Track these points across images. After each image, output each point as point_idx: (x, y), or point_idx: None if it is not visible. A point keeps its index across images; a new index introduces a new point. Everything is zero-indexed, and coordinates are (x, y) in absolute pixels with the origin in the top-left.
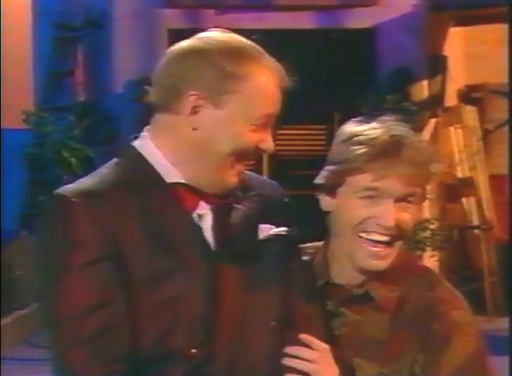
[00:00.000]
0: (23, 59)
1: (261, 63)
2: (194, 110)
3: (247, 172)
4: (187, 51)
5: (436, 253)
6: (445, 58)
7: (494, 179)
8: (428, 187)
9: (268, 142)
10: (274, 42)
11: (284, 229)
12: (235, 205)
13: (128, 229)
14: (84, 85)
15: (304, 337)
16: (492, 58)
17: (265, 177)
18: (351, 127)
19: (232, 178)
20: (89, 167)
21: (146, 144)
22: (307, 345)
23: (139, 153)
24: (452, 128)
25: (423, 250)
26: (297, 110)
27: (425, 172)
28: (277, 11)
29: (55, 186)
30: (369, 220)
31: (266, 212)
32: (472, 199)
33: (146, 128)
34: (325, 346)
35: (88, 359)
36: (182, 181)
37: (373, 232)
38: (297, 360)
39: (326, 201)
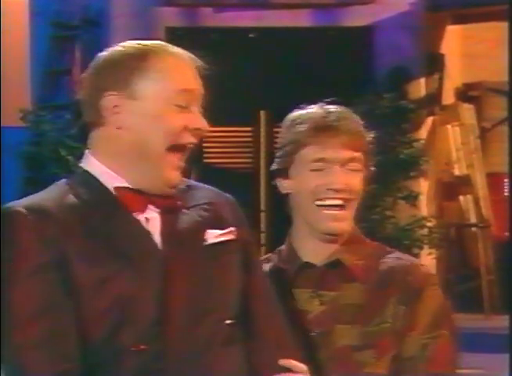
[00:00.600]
0: (20, 58)
1: (163, 52)
2: (115, 110)
3: (200, 184)
4: (96, 64)
5: (433, 251)
6: (442, 56)
7: (491, 177)
8: (370, 156)
9: (197, 121)
10: (272, 40)
11: (228, 230)
12: (184, 210)
13: (72, 238)
14: None
15: (285, 362)
16: (490, 56)
17: (218, 190)
18: (292, 114)
19: (170, 173)
20: None
21: (89, 161)
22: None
23: (85, 170)
24: (449, 126)
25: (421, 248)
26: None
27: (362, 139)
28: (275, 9)
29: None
30: (320, 187)
31: (216, 220)
32: (469, 197)
33: (85, 151)
34: (304, 367)
35: (40, 359)
36: (126, 185)
37: (327, 198)
38: None
39: (283, 184)
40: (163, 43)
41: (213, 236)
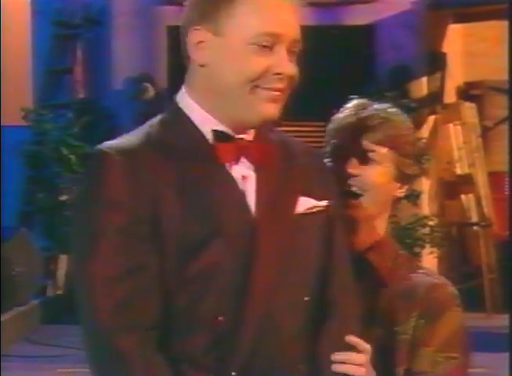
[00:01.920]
0: (22, 57)
1: None
2: (200, 46)
3: (292, 139)
4: None
5: (435, 250)
6: (444, 55)
7: (493, 176)
8: (403, 156)
9: (282, 66)
10: None
11: (324, 203)
12: (278, 170)
13: (166, 193)
14: (83, 83)
15: (351, 338)
16: (491, 55)
17: (309, 146)
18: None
19: (263, 106)
20: None
21: (184, 97)
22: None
23: (179, 108)
24: (451, 125)
25: (422, 247)
26: (295, 107)
27: (387, 137)
28: None
29: (55, 184)
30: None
31: (307, 184)
32: (471, 196)
33: (182, 86)
34: (368, 347)
35: (123, 322)
36: (220, 128)
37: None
38: (348, 366)
39: None
40: None
41: (306, 206)
